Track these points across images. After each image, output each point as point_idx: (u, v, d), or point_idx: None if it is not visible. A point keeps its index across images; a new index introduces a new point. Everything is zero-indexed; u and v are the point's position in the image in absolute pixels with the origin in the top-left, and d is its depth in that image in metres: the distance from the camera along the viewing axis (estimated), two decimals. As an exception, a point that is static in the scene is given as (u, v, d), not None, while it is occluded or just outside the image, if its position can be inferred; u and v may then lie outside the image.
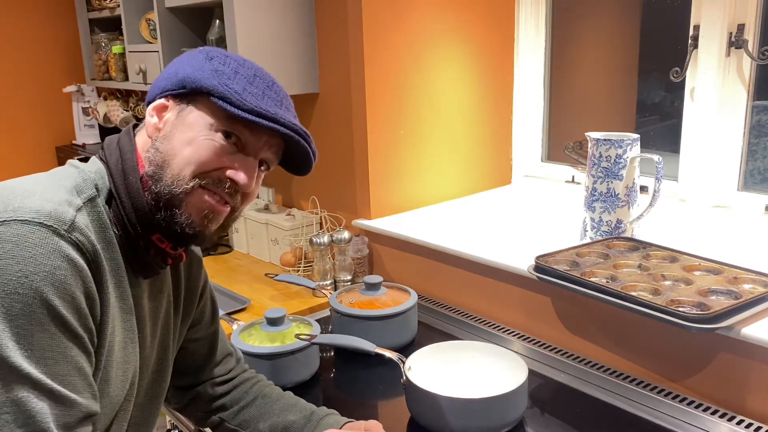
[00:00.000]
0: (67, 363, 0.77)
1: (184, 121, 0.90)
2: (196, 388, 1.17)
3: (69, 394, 0.77)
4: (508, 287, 1.61)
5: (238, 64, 0.93)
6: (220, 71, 0.90)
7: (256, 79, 0.92)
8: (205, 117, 0.90)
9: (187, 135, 0.89)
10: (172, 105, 0.92)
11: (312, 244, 1.88)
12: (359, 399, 1.38)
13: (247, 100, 0.88)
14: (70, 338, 0.78)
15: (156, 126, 0.92)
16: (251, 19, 1.88)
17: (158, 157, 0.89)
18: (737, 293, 1.24)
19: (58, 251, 0.77)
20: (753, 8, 1.60)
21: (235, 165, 0.91)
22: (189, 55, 0.95)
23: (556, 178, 2.12)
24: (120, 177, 0.90)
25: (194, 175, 0.89)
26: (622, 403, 1.28)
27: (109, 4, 2.72)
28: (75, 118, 3.25)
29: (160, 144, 0.90)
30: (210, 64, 0.91)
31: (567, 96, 2.20)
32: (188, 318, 1.11)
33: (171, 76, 0.93)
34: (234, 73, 0.91)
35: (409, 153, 2.00)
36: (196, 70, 0.91)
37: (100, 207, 0.87)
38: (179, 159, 0.89)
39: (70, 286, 0.78)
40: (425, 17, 1.94)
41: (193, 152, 0.89)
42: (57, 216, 0.79)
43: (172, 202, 0.89)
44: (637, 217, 1.54)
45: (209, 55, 0.93)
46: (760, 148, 1.71)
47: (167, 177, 0.88)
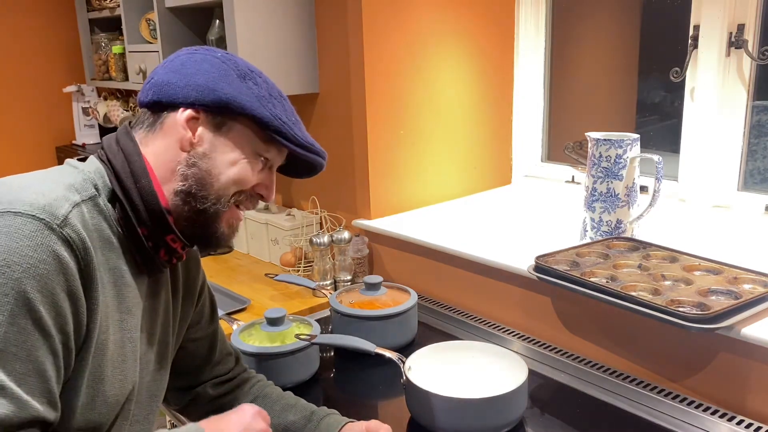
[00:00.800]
0: (30, 362, 0.76)
1: (224, 141, 0.94)
2: (196, 389, 1.17)
3: (21, 394, 0.74)
4: (508, 287, 1.61)
5: (264, 81, 0.97)
6: (261, 96, 0.94)
7: (284, 102, 0.98)
8: (246, 139, 0.95)
9: (231, 156, 0.94)
10: (204, 119, 0.93)
11: (312, 244, 1.88)
12: (359, 399, 1.38)
13: (298, 135, 0.97)
14: (40, 335, 0.76)
15: (190, 141, 0.92)
16: (251, 19, 1.88)
17: (200, 175, 0.92)
18: (737, 293, 1.24)
19: (46, 246, 0.77)
20: (753, 8, 1.60)
21: (266, 182, 0.99)
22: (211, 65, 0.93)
23: (556, 178, 2.12)
24: (129, 179, 0.90)
25: (233, 194, 0.96)
26: (622, 403, 1.28)
27: (109, 4, 2.72)
28: (75, 118, 3.25)
29: (201, 162, 0.92)
30: (245, 85, 0.93)
31: (567, 96, 2.20)
32: (187, 317, 1.11)
33: (201, 88, 0.92)
34: (270, 97, 0.96)
35: (409, 153, 2.00)
36: (237, 92, 0.92)
37: (101, 206, 0.87)
38: (224, 179, 0.93)
39: (51, 282, 0.77)
40: (425, 17, 1.94)
41: (238, 175, 0.94)
42: (50, 210, 0.79)
43: (212, 219, 0.95)
44: (637, 217, 1.54)
45: (239, 70, 0.94)
46: (760, 148, 1.71)
47: (211, 196, 0.93)
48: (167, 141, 0.93)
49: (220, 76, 0.93)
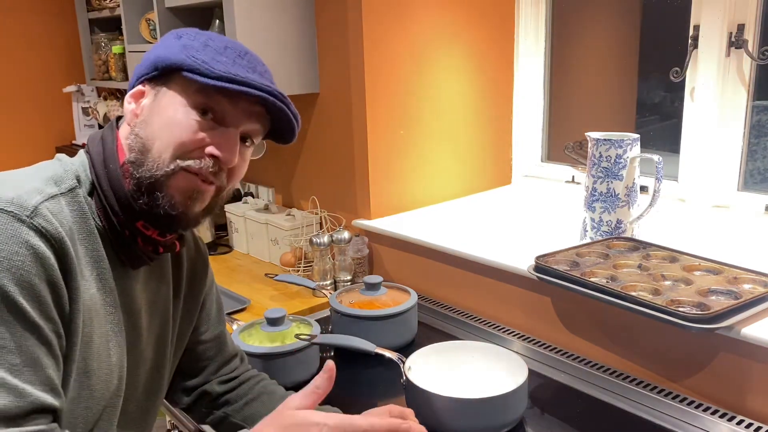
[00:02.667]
0: (21, 353, 0.75)
1: (160, 103, 0.90)
2: (203, 387, 1.17)
3: (19, 384, 0.74)
4: (508, 287, 1.61)
5: (208, 38, 0.91)
6: (188, 45, 0.89)
7: (227, 50, 0.90)
8: (179, 95, 0.89)
9: (164, 117, 0.88)
10: (149, 90, 0.92)
11: (312, 244, 1.88)
12: (359, 399, 1.38)
13: (216, 68, 0.86)
14: (25, 327, 0.75)
15: (134, 112, 0.91)
16: (251, 19, 1.88)
17: (138, 142, 0.89)
18: (737, 293, 1.24)
19: (17, 237, 0.76)
20: (753, 8, 1.60)
21: (214, 140, 0.89)
22: (162, 39, 0.94)
23: (556, 178, 2.12)
24: (101, 167, 0.89)
25: (174, 157, 0.87)
26: (622, 403, 1.28)
27: (109, 4, 2.72)
28: (75, 118, 3.25)
29: (139, 129, 0.89)
30: (179, 42, 0.90)
31: (567, 96, 2.20)
32: (191, 318, 1.11)
33: (144, 61, 0.93)
34: (203, 46, 0.89)
35: (409, 153, 2.00)
36: (166, 49, 0.90)
37: (80, 197, 0.86)
38: (158, 143, 0.87)
39: (28, 273, 0.76)
40: (425, 17, 1.94)
41: (171, 133, 0.87)
42: (18, 202, 0.78)
43: (153, 186, 0.87)
44: (637, 217, 1.54)
45: (179, 33, 0.92)
46: (760, 148, 1.71)
47: (148, 162, 0.87)
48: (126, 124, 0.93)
49: (161, 44, 0.92)
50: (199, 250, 1.12)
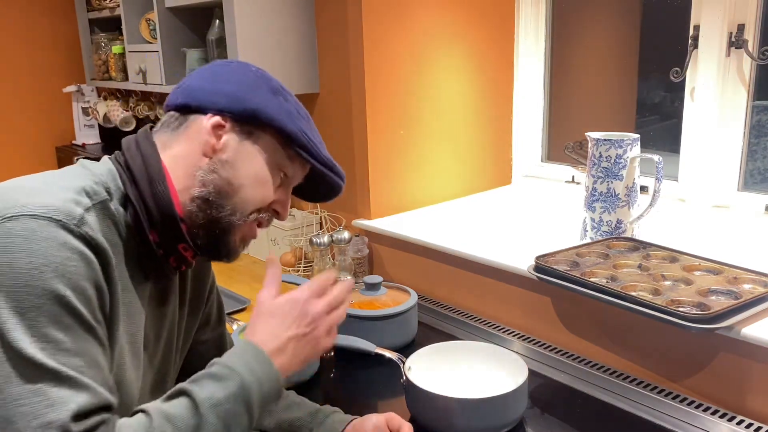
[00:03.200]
0: (83, 355, 0.77)
1: (248, 151, 0.92)
2: None
3: (89, 382, 0.76)
4: (508, 287, 1.61)
5: (294, 100, 0.98)
6: (289, 112, 0.94)
7: (310, 122, 0.99)
8: (268, 151, 0.94)
9: (253, 168, 0.93)
10: (230, 128, 0.92)
11: (312, 244, 1.88)
12: (359, 399, 1.38)
13: (321, 152, 0.97)
14: (84, 330, 0.78)
15: (214, 147, 0.91)
16: (251, 19, 1.88)
17: (219, 182, 0.91)
18: (737, 293, 1.24)
19: (68, 244, 0.77)
20: (753, 8, 1.60)
21: (282, 199, 0.98)
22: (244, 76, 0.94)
23: (556, 178, 2.12)
24: (146, 184, 0.88)
25: (254, 211, 0.94)
26: (622, 403, 1.28)
27: (109, 4, 2.72)
28: (75, 118, 3.25)
29: (222, 170, 0.91)
30: (276, 100, 0.94)
31: (567, 96, 2.20)
32: (196, 319, 1.11)
33: (232, 96, 0.91)
34: (298, 115, 0.96)
35: (409, 153, 2.00)
36: (267, 104, 0.92)
37: (112, 210, 0.86)
38: (244, 192, 0.92)
39: (80, 278, 0.77)
40: (425, 17, 1.94)
41: (257, 188, 0.93)
42: (66, 211, 0.79)
43: (226, 231, 0.92)
44: (637, 217, 1.54)
45: (271, 85, 0.95)
46: (760, 148, 1.71)
47: (228, 206, 0.91)
48: (190, 146, 0.92)
49: (252, 87, 0.93)
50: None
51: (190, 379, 0.84)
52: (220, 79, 0.93)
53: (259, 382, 0.84)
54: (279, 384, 0.87)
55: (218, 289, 1.19)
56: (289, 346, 0.89)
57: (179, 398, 0.82)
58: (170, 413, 0.79)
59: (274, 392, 0.86)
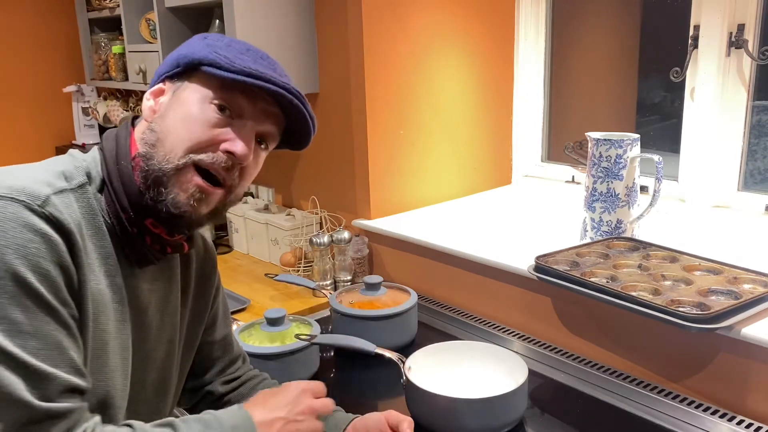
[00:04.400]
0: (43, 337, 0.76)
1: (178, 98, 0.90)
2: (206, 387, 1.17)
3: (45, 368, 0.75)
4: (508, 287, 1.61)
5: (232, 39, 0.93)
6: (212, 44, 0.90)
7: (249, 51, 0.91)
8: (198, 89, 0.89)
9: (181, 111, 0.89)
10: (169, 87, 0.93)
11: (312, 244, 1.88)
12: (359, 399, 1.38)
13: (237, 63, 0.87)
14: (45, 312, 0.77)
15: (152, 109, 0.92)
16: (251, 19, 1.88)
17: (152, 136, 0.89)
18: (737, 293, 1.24)
19: (30, 225, 0.77)
20: (753, 8, 1.60)
21: (230, 136, 0.89)
22: (187, 41, 0.95)
23: (556, 178, 2.12)
24: (113, 163, 0.89)
25: (187, 152, 0.87)
26: (622, 403, 1.28)
27: (109, 4, 2.72)
28: (75, 118, 3.25)
29: (155, 124, 0.90)
30: (204, 41, 0.92)
31: (567, 96, 2.20)
32: (201, 318, 1.11)
33: (167, 60, 0.94)
34: (226, 46, 0.90)
35: (409, 153, 2.00)
36: (189, 47, 0.92)
37: (89, 194, 0.87)
38: (172, 136, 0.88)
39: (43, 259, 0.77)
40: (425, 17, 1.94)
41: (186, 127, 0.87)
42: (30, 192, 0.79)
43: (159, 180, 0.87)
44: (637, 217, 1.54)
45: (204, 35, 0.94)
46: (760, 148, 1.71)
47: (159, 155, 0.87)
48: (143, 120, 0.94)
49: (186, 44, 0.93)
50: (208, 251, 1.13)
51: (182, 417, 0.87)
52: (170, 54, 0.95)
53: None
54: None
55: (223, 291, 1.19)
56: (275, 424, 0.93)
57: (165, 429, 0.84)
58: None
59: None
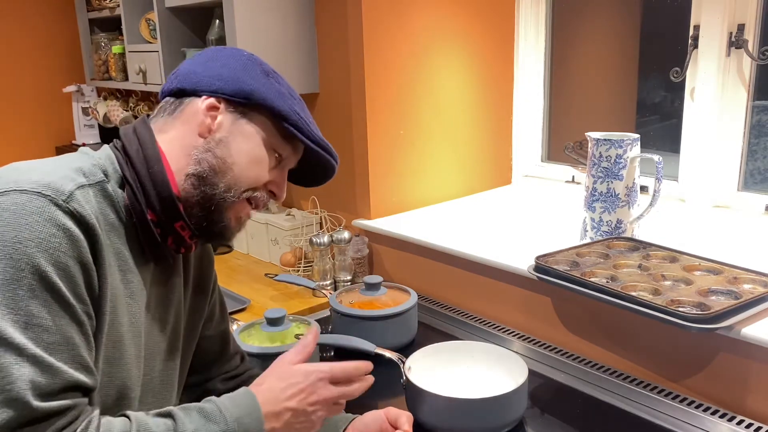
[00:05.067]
0: (56, 331, 0.77)
1: (242, 131, 0.94)
2: (206, 384, 1.17)
3: (54, 362, 0.76)
4: (508, 287, 1.61)
5: (286, 83, 1.00)
6: (283, 94, 0.96)
7: (302, 103, 1.01)
8: (262, 131, 0.96)
9: (247, 147, 0.94)
10: (224, 109, 0.94)
11: (312, 244, 1.88)
12: (359, 399, 1.37)
13: (314, 132, 0.98)
14: (61, 307, 0.78)
15: (209, 127, 0.93)
16: (251, 19, 1.88)
17: (213, 161, 0.92)
18: (737, 293, 1.24)
19: (54, 220, 0.78)
20: (753, 8, 1.60)
21: (278, 181, 1.00)
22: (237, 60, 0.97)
23: (556, 178, 2.12)
24: (142, 165, 0.90)
25: (247, 188, 0.96)
26: (622, 403, 1.28)
27: (109, 4, 2.72)
28: (75, 118, 3.25)
29: (216, 148, 0.93)
30: (268, 81, 0.96)
31: (567, 96, 2.20)
32: (201, 311, 1.12)
33: (225, 79, 0.94)
34: (290, 96, 0.98)
35: (409, 153, 2.00)
36: (260, 86, 0.95)
37: (109, 191, 0.88)
38: (237, 170, 0.94)
39: (64, 254, 0.78)
40: (425, 17, 1.94)
41: (251, 167, 0.95)
42: (55, 187, 0.80)
43: (221, 207, 0.94)
44: (637, 217, 1.54)
45: (264, 68, 0.98)
46: (760, 148, 1.71)
47: (222, 183, 0.93)
48: (186, 127, 0.94)
49: (245, 70, 0.95)
50: (205, 246, 1.13)
51: (183, 405, 0.86)
52: (214, 63, 0.96)
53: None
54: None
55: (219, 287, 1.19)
56: (285, 415, 0.89)
57: (165, 419, 0.83)
58: (151, 430, 0.81)
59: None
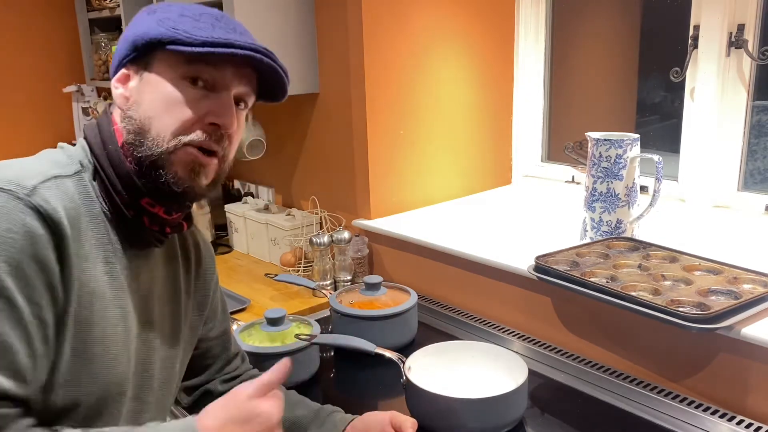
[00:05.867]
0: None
1: (148, 81, 0.89)
2: (207, 386, 1.17)
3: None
4: (508, 287, 1.61)
5: (182, 7, 0.91)
6: (165, 18, 0.88)
7: (203, 17, 0.89)
8: (165, 70, 0.88)
9: (156, 94, 0.88)
10: (133, 72, 0.91)
11: (312, 244, 1.88)
12: (359, 399, 1.38)
13: (197, 35, 0.85)
14: (4, 306, 0.74)
15: (123, 96, 0.91)
16: (251, 19, 1.88)
17: (134, 124, 0.89)
18: (737, 293, 1.24)
19: (12, 215, 0.76)
20: (753, 8, 1.60)
21: (211, 108, 0.89)
22: (134, 18, 0.93)
23: (556, 178, 2.12)
24: (100, 149, 0.89)
25: (175, 134, 0.87)
26: (622, 403, 1.28)
27: (109, 4, 2.72)
28: (75, 118, 3.25)
29: (133, 112, 0.89)
30: (154, 17, 0.90)
31: (567, 96, 2.20)
32: (202, 311, 1.11)
33: (122, 43, 0.92)
34: (179, 17, 0.88)
35: (409, 153, 2.00)
36: (142, 26, 0.89)
37: (86, 181, 0.87)
38: (156, 121, 0.87)
39: (19, 251, 0.75)
40: (425, 17, 1.94)
41: (167, 110, 0.87)
42: (17, 181, 0.78)
43: (156, 164, 0.87)
44: (637, 217, 1.54)
45: (151, 9, 0.92)
46: (760, 148, 1.71)
47: (147, 141, 0.87)
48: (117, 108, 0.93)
49: (135, 24, 0.92)
50: (206, 244, 1.14)
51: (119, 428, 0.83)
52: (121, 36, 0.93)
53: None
54: None
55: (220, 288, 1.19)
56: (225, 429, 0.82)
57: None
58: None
59: None
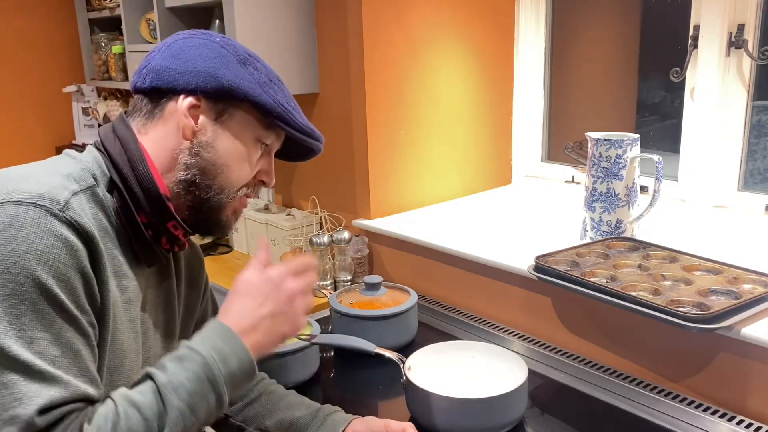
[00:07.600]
0: (61, 344, 0.76)
1: (227, 129, 0.93)
2: None
3: (61, 376, 0.75)
4: (508, 287, 1.61)
5: (263, 66, 0.97)
6: (263, 83, 0.94)
7: (282, 86, 0.98)
8: (245, 126, 0.94)
9: (232, 147, 0.94)
10: (205, 107, 0.92)
11: (312, 244, 1.88)
12: (359, 399, 1.38)
13: (298, 120, 0.97)
14: (64, 319, 0.77)
15: (192, 129, 0.91)
16: (251, 19, 1.88)
17: (203, 164, 0.92)
18: (737, 293, 1.24)
19: (52, 231, 0.77)
20: (753, 8, 1.60)
21: (266, 168, 1.00)
22: (210, 50, 0.92)
23: (556, 178, 2.12)
24: (127, 168, 0.89)
25: (239, 187, 0.96)
26: (622, 403, 1.28)
27: (109, 4, 2.72)
28: (75, 118, 3.25)
29: (204, 151, 0.92)
30: (245, 70, 0.93)
31: (567, 96, 2.20)
32: (193, 312, 1.11)
33: (202, 74, 0.90)
34: (270, 82, 0.95)
35: (409, 153, 2.00)
36: (239, 79, 0.91)
37: (100, 196, 0.87)
38: (228, 171, 0.94)
39: (64, 265, 0.77)
40: (425, 17, 1.94)
41: (241, 167, 0.95)
42: (50, 196, 0.79)
43: (218, 208, 0.95)
44: (637, 217, 1.54)
45: (239, 56, 0.94)
46: (760, 148, 1.71)
47: (215, 186, 0.93)
48: (167, 128, 0.92)
49: (221, 62, 0.92)
50: (193, 246, 1.14)
51: (157, 363, 0.84)
52: (187, 56, 0.92)
53: (223, 361, 0.82)
54: (249, 361, 0.85)
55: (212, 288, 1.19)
56: (262, 324, 0.87)
57: (145, 383, 0.81)
58: (135, 399, 0.79)
59: (243, 370, 0.84)
